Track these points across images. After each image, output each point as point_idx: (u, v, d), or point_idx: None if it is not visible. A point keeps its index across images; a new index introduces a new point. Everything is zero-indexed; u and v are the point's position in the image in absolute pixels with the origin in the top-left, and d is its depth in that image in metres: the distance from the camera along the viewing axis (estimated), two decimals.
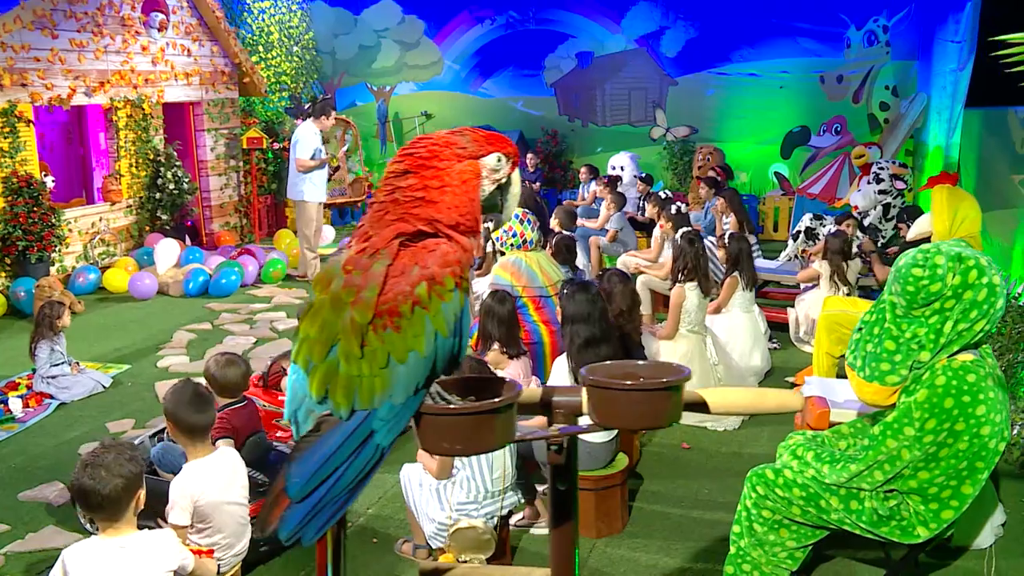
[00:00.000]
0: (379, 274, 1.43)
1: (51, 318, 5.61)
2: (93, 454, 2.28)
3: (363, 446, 1.41)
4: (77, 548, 2.26)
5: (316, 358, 1.45)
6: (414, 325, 1.41)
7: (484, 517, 3.29)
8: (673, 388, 1.35)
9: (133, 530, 2.31)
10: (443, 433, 1.35)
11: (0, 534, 3.85)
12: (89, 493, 2.22)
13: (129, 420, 5.15)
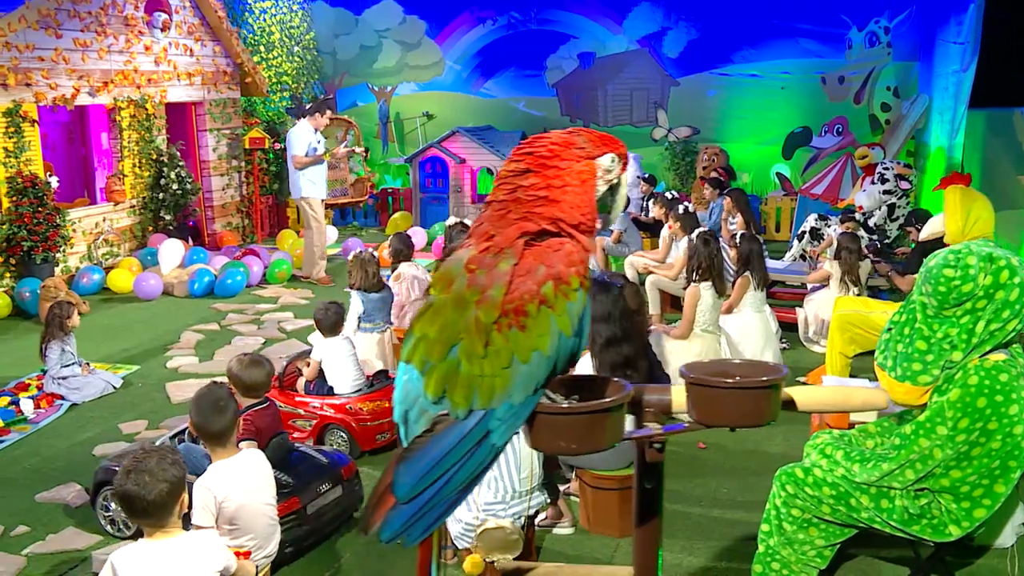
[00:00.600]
0: (505, 273, 1.42)
1: (61, 318, 5.59)
2: (135, 460, 2.25)
3: (478, 447, 1.41)
4: (126, 552, 2.25)
5: (435, 358, 1.44)
6: (539, 324, 1.40)
7: (512, 517, 3.29)
8: (774, 386, 1.36)
9: (180, 532, 2.30)
10: (558, 432, 1.35)
11: (20, 535, 3.84)
12: (134, 499, 2.20)
13: (142, 421, 5.14)
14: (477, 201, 10.53)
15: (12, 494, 4.24)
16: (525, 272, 1.42)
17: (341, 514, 3.73)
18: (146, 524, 2.26)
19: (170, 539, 2.26)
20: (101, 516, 3.82)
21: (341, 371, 4.49)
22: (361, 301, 5.11)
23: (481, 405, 1.41)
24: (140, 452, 2.28)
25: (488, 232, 1.48)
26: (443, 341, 1.43)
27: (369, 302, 5.17)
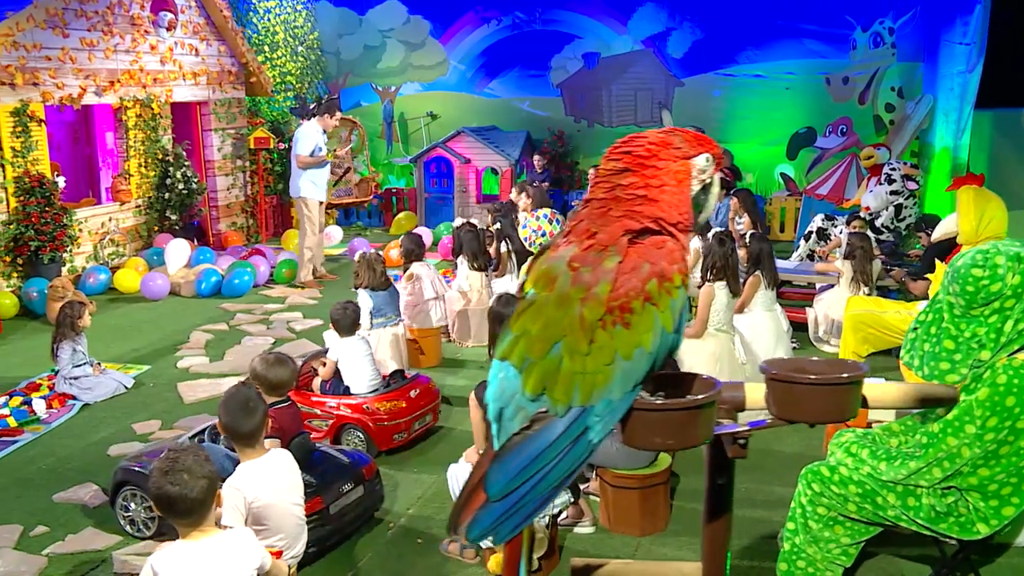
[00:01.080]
0: (610, 271, 1.43)
1: (72, 318, 5.57)
2: (170, 460, 2.24)
3: (575, 444, 1.41)
4: (164, 553, 2.24)
5: (535, 355, 1.44)
6: (644, 321, 1.41)
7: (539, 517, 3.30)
8: (856, 383, 1.37)
9: (216, 531, 2.30)
10: (653, 428, 1.36)
11: (39, 535, 3.83)
12: (176, 499, 2.19)
13: (155, 421, 5.13)
14: (482, 201, 10.53)
15: (29, 494, 4.23)
16: (630, 269, 1.43)
17: (363, 514, 3.73)
18: (185, 523, 2.25)
19: (207, 539, 2.26)
20: (120, 516, 3.81)
21: (357, 371, 4.49)
22: (371, 298, 5.13)
23: (581, 402, 1.42)
24: (171, 452, 2.28)
25: (589, 230, 1.49)
26: (545, 339, 1.44)
27: (378, 298, 5.19)
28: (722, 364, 5.01)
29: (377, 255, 5.23)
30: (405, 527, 3.85)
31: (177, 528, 2.29)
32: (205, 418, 5.11)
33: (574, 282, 1.44)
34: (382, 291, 5.16)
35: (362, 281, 5.16)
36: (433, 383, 4.84)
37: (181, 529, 2.27)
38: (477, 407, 4.27)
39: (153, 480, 2.24)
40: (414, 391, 4.58)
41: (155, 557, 2.22)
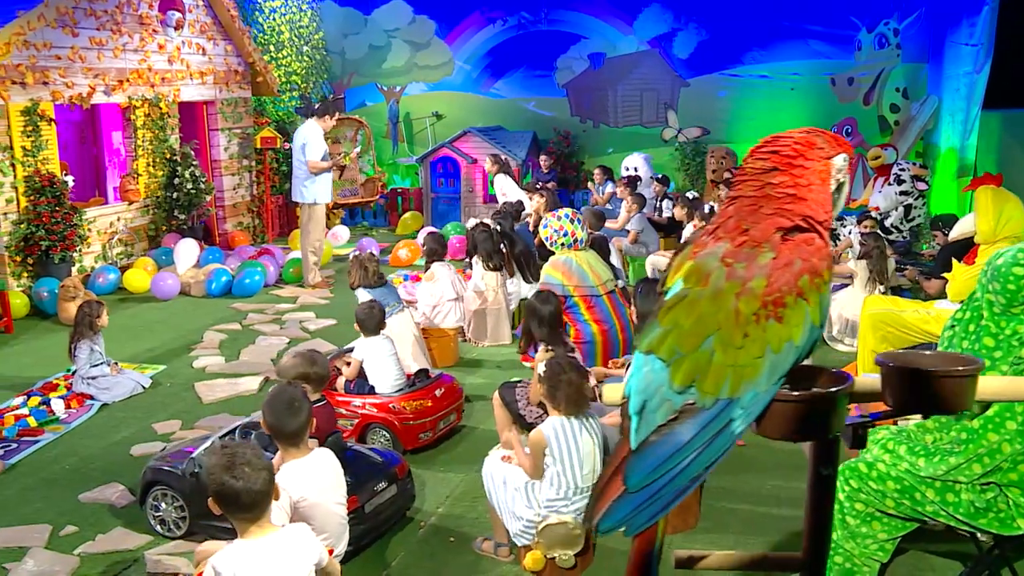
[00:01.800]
0: (765, 266, 1.48)
1: (91, 317, 5.57)
2: (228, 455, 2.24)
3: (719, 435, 1.45)
4: (226, 554, 2.24)
5: (686, 348, 1.48)
6: (795, 315, 1.46)
7: (574, 513, 3.32)
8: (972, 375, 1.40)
9: (274, 528, 2.30)
10: (790, 420, 1.39)
11: (69, 535, 3.82)
12: (241, 493, 2.19)
13: (175, 421, 5.12)
14: (488, 201, 10.54)
15: (55, 494, 4.22)
16: (783, 265, 1.48)
17: (396, 513, 3.74)
18: (247, 518, 2.25)
19: (267, 536, 2.26)
20: (151, 516, 3.81)
21: (382, 370, 4.50)
22: (369, 294, 5.18)
23: (728, 394, 1.46)
24: (225, 448, 2.28)
25: (740, 226, 1.53)
26: (698, 332, 1.48)
27: (376, 294, 5.23)
28: None
29: (371, 255, 5.34)
30: (436, 526, 3.87)
31: (237, 525, 2.29)
32: (225, 418, 5.12)
33: (729, 277, 1.49)
34: (377, 288, 5.23)
35: (354, 280, 5.25)
36: (456, 382, 4.85)
37: (241, 525, 2.27)
38: (501, 406, 4.30)
39: (214, 476, 2.24)
40: (439, 390, 4.59)
41: (216, 559, 2.22)
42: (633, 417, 1.54)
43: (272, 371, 5.90)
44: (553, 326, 4.05)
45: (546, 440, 3.30)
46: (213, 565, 2.21)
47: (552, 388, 3.29)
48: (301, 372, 3.56)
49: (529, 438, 3.38)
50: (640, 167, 10.04)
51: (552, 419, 3.33)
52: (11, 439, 4.86)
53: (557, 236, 5.08)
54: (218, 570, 2.19)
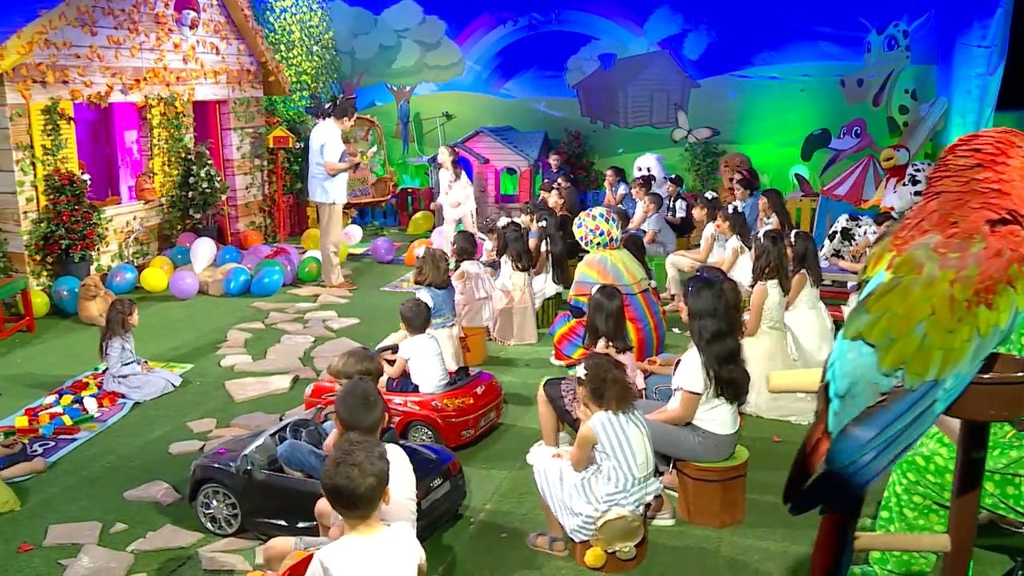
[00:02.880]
0: (977, 255, 1.59)
1: (123, 315, 5.57)
2: (345, 452, 2.27)
3: (922, 415, 1.57)
4: (334, 549, 2.26)
5: (897, 333, 1.59)
6: (1003, 301, 1.58)
7: (632, 505, 3.37)
8: None
9: (382, 527, 2.32)
10: (989, 400, 1.50)
11: (119, 533, 3.83)
12: (345, 492, 2.23)
13: (210, 420, 5.13)
14: (501, 201, 10.58)
15: (99, 492, 4.23)
16: (994, 254, 1.60)
17: (449, 509, 3.77)
18: (352, 517, 2.28)
19: (375, 535, 2.29)
20: (201, 514, 3.82)
21: (427, 369, 4.53)
22: (431, 297, 5.15)
23: (935, 376, 1.57)
24: (346, 444, 2.30)
25: (948, 219, 1.65)
26: (911, 317, 1.60)
27: (437, 297, 5.22)
28: (775, 361, 5.10)
29: (443, 253, 5.24)
30: (485, 522, 3.90)
31: (346, 522, 2.31)
32: (259, 416, 5.14)
33: (942, 266, 1.60)
34: (442, 290, 5.19)
35: (426, 278, 5.17)
36: (495, 380, 4.88)
37: (350, 522, 2.30)
38: (546, 402, 4.34)
39: (326, 470, 2.27)
40: (479, 388, 4.63)
41: (323, 553, 2.25)
42: (835, 400, 1.63)
43: (302, 370, 5.92)
44: (619, 321, 4.11)
45: (595, 436, 3.35)
46: (320, 560, 2.23)
47: (598, 388, 3.33)
48: (355, 370, 3.58)
49: (579, 433, 3.42)
50: (653, 167, 10.10)
51: (598, 415, 3.37)
52: (48, 437, 4.87)
53: (593, 236, 5.12)
54: (325, 565, 2.21)
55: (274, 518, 3.67)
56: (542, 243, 6.73)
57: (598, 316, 4.18)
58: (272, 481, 3.65)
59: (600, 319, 4.16)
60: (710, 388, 3.72)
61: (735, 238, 6.53)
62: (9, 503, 4.06)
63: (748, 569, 3.51)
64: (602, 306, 4.17)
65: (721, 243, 6.94)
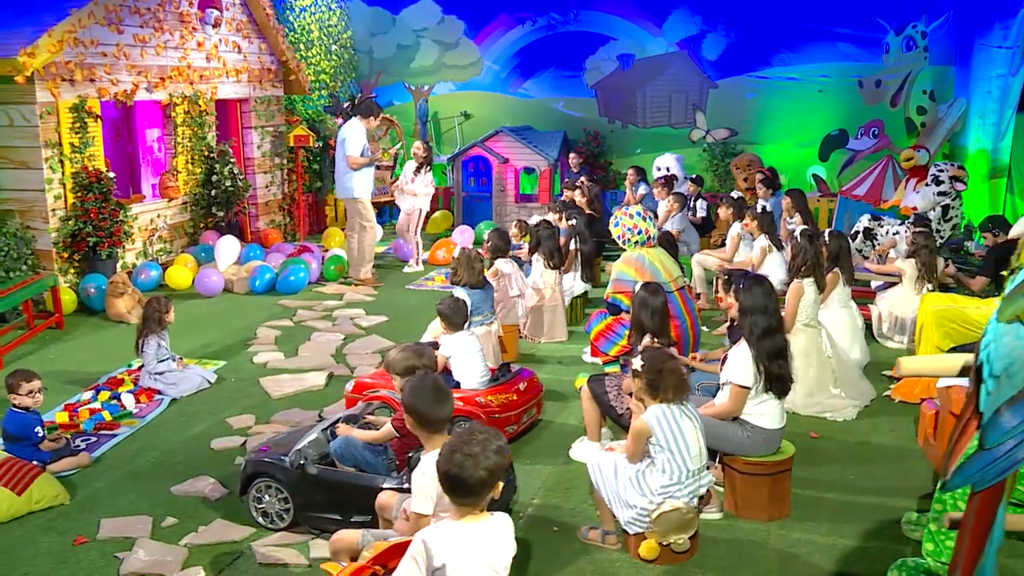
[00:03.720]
0: None
1: (160, 313, 5.60)
2: (463, 441, 2.30)
3: None
4: (437, 531, 2.30)
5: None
6: None
7: (686, 498, 3.40)
8: None
9: (486, 515, 2.35)
10: None
11: (171, 527, 3.87)
12: (454, 480, 2.26)
13: (248, 416, 5.16)
14: (520, 201, 10.62)
15: (146, 487, 4.26)
16: None
17: (503, 503, 3.79)
18: (464, 504, 2.31)
19: (480, 522, 2.32)
20: (253, 508, 3.85)
21: (469, 366, 4.56)
22: (468, 296, 5.18)
23: None
24: (464, 433, 2.34)
25: None
26: None
27: (475, 296, 5.25)
28: (810, 358, 5.14)
29: (477, 252, 5.28)
30: (535, 516, 3.93)
31: (454, 507, 2.35)
32: (298, 412, 5.18)
33: None
34: (479, 289, 5.23)
35: (461, 278, 5.21)
36: (536, 376, 4.91)
37: (459, 509, 2.33)
38: (590, 398, 4.38)
39: (442, 457, 2.30)
40: (521, 384, 4.66)
41: (425, 534, 2.28)
42: (989, 380, 1.66)
43: (335, 367, 5.95)
44: (664, 317, 4.15)
45: (650, 429, 3.38)
46: (424, 540, 2.26)
47: (654, 379, 3.36)
48: (410, 364, 3.62)
49: (633, 426, 3.46)
50: (672, 167, 10.13)
51: (653, 408, 3.40)
52: (89, 433, 4.90)
53: (630, 234, 5.16)
54: (429, 546, 2.25)
55: (327, 512, 3.70)
56: (571, 242, 6.77)
57: (643, 312, 4.21)
58: (325, 475, 3.68)
59: (646, 315, 4.20)
60: (759, 383, 3.75)
61: (763, 237, 6.56)
62: (59, 497, 4.10)
63: (799, 561, 3.55)
64: (647, 303, 4.22)
65: (748, 242, 6.97)
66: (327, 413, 5.14)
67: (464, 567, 2.25)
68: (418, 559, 2.25)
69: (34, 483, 4.02)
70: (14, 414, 4.38)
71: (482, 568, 2.30)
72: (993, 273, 6.15)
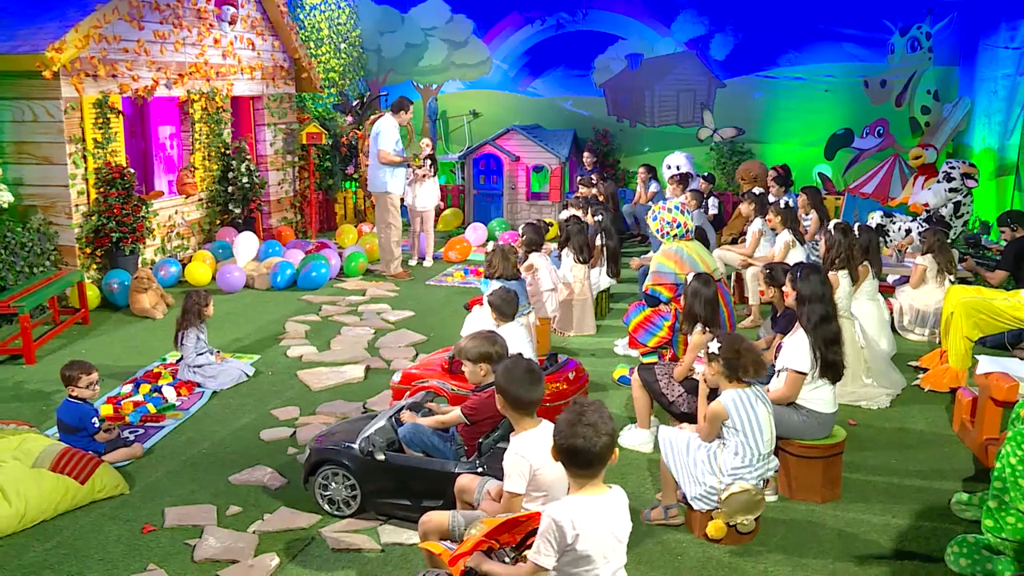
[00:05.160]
0: None
1: (199, 306, 5.63)
2: (577, 414, 2.36)
3: None
4: (562, 505, 2.37)
5: None
6: None
7: (755, 480, 3.50)
8: None
9: (605, 488, 2.43)
10: None
11: (235, 515, 3.91)
12: (582, 451, 2.32)
13: (292, 408, 5.20)
14: (531, 198, 10.70)
15: (203, 476, 4.30)
16: None
17: None
18: (583, 475, 2.38)
19: (601, 494, 2.40)
20: (319, 495, 3.90)
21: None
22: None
23: None
24: (575, 408, 2.40)
25: None
26: None
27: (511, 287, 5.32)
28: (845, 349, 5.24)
29: (512, 247, 5.36)
30: None
31: (573, 480, 2.41)
32: (341, 404, 5.22)
33: None
34: (514, 281, 5.31)
35: (496, 270, 5.29)
36: (583, 366, 5.00)
37: (578, 481, 2.40)
38: (640, 387, 4.48)
39: (560, 431, 2.37)
40: (571, 373, 4.74)
41: (552, 510, 2.35)
42: None
43: (371, 360, 6.00)
44: (715, 306, 4.26)
45: (726, 412, 3.48)
46: (552, 517, 2.32)
47: (733, 360, 3.47)
48: (484, 351, 3.69)
49: (709, 409, 3.56)
50: (683, 165, 10.26)
51: (729, 392, 3.51)
52: (135, 425, 4.92)
53: (669, 228, 5.26)
54: (559, 522, 2.31)
55: (397, 498, 3.76)
56: (597, 237, 6.86)
57: (696, 302, 4.32)
58: (396, 462, 3.74)
59: (698, 305, 4.30)
60: (815, 369, 3.87)
61: (786, 232, 6.69)
62: (120, 487, 4.13)
63: (858, 539, 3.66)
64: (699, 293, 4.32)
65: (769, 238, 7.10)
66: (371, 405, 5.22)
67: (592, 538, 2.33)
68: (550, 537, 2.32)
69: (96, 473, 4.05)
70: (73, 405, 4.40)
71: (608, 538, 2.38)
72: (1012, 267, 6.32)
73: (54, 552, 3.61)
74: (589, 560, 2.34)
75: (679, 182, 8.81)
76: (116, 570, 3.47)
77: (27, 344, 5.99)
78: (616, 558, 2.42)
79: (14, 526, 3.73)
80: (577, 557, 2.33)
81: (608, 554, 2.38)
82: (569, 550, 2.32)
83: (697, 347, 4.41)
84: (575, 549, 2.31)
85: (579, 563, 2.34)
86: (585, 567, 2.35)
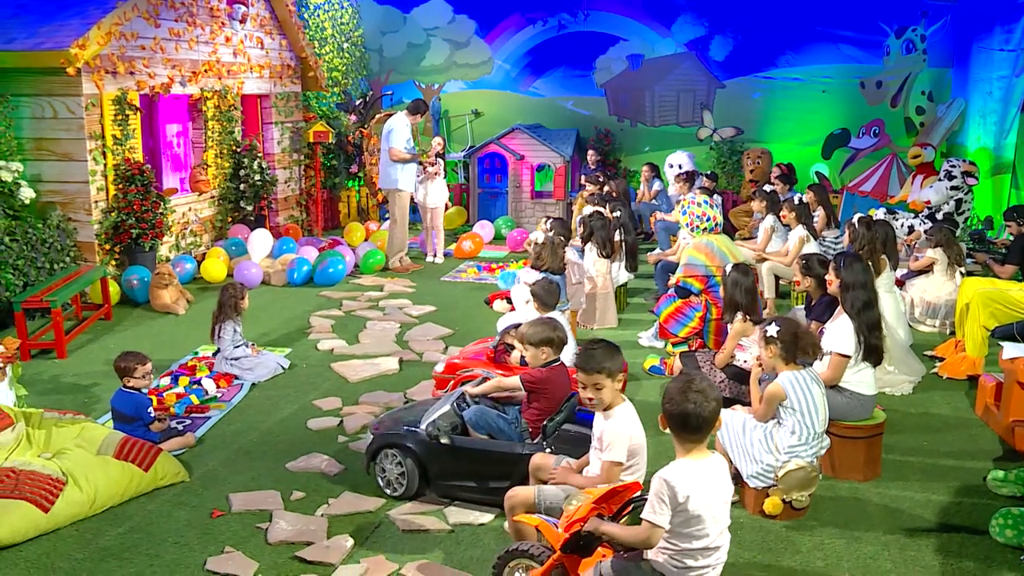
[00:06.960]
0: None
1: (236, 299, 5.69)
2: (687, 382, 2.53)
3: None
4: (675, 469, 2.51)
5: None
6: None
7: (810, 458, 3.67)
8: None
9: (709, 453, 2.59)
10: None
11: (300, 500, 3.99)
12: (693, 415, 2.48)
13: (334, 398, 5.29)
14: (535, 197, 10.84)
15: (259, 464, 4.37)
16: None
17: None
18: (692, 440, 2.53)
19: (706, 459, 2.55)
20: (380, 479, 4.00)
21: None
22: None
23: None
24: (683, 378, 2.56)
25: None
26: None
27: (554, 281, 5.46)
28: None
29: (560, 239, 5.47)
30: None
31: (680, 444, 2.56)
32: (383, 395, 5.32)
33: None
34: (557, 275, 5.44)
35: (544, 263, 5.41)
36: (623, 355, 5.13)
37: (685, 445, 2.55)
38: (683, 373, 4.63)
39: (671, 398, 2.52)
40: None
41: (665, 472, 2.50)
42: None
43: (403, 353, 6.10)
44: (754, 295, 4.43)
45: (784, 392, 3.65)
46: (664, 479, 2.47)
47: (791, 343, 3.64)
48: (546, 336, 3.82)
49: (767, 390, 3.72)
50: (684, 164, 10.47)
51: (785, 374, 3.68)
52: (181, 416, 4.98)
53: (699, 221, 5.43)
54: (671, 483, 2.46)
55: (463, 480, 3.87)
56: (616, 233, 7.02)
57: (736, 291, 4.49)
58: (463, 444, 3.85)
59: (739, 294, 4.47)
60: (859, 352, 4.05)
61: (800, 227, 6.90)
62: (180, 474, 4.19)
63: (904, 515, 3.84)
64: (739, 282, 4.49)
65: (781, 234, 7.31)
66: (410, 395, 5.32)
67: (702, 498, 2.48)
68: (663, 496, 2.47)
69: (157, 460, 4.11)
70: (128, 395, 4.45)
71: (715, 500, 2.53)
72: (1020, 260, 6.58)
73: (129, 536, 3.67)
74: (700, 520, 2.49)
75: (686, 180, 9.00)
76: (193, 553, 3.54)
77: (59, 338, 6.00)
78: (723, 518, 2.57)
79: (86, 511, 3.78)
80: (689, 517, 2.48)
81: (716, 514, 2.53)
82: (681, 510, 2.46)
83: (738, 334, 4.58)
84: (687, 509, 2.46)
85: (691, 523, 2.49)
86: (696, 527, 2.50)
